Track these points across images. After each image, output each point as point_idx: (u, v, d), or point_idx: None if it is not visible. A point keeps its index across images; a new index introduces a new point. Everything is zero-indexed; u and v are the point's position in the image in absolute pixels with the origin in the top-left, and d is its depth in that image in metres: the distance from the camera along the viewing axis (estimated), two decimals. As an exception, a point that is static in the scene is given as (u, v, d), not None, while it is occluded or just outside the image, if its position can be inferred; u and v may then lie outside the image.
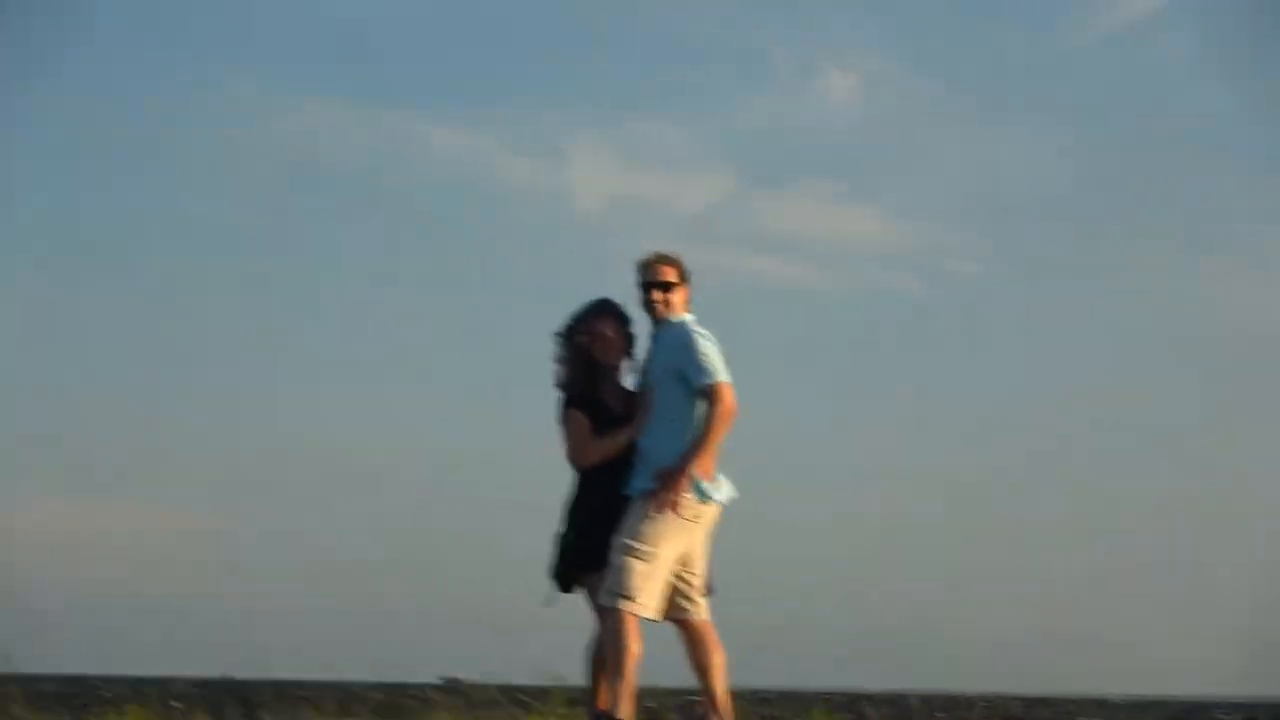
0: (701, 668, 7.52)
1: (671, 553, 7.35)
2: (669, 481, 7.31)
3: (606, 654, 7.30)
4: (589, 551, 7.45)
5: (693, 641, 7.54)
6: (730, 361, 7.46)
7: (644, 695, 7.87)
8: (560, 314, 7.74)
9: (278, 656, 12.70)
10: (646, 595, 7.28)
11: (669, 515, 7.31)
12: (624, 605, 7.25)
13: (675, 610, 7.51)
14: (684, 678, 7.61)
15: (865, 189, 22.27)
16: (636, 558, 7.27)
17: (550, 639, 8.49)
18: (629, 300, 7.68)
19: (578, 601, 7.60)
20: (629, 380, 7.72)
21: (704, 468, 7.37)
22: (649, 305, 7.59)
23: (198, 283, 21.41)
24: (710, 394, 7.36)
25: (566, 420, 7.60)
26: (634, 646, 7.24)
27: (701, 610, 7.55)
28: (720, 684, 7.51)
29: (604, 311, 7.68)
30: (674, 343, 7.50)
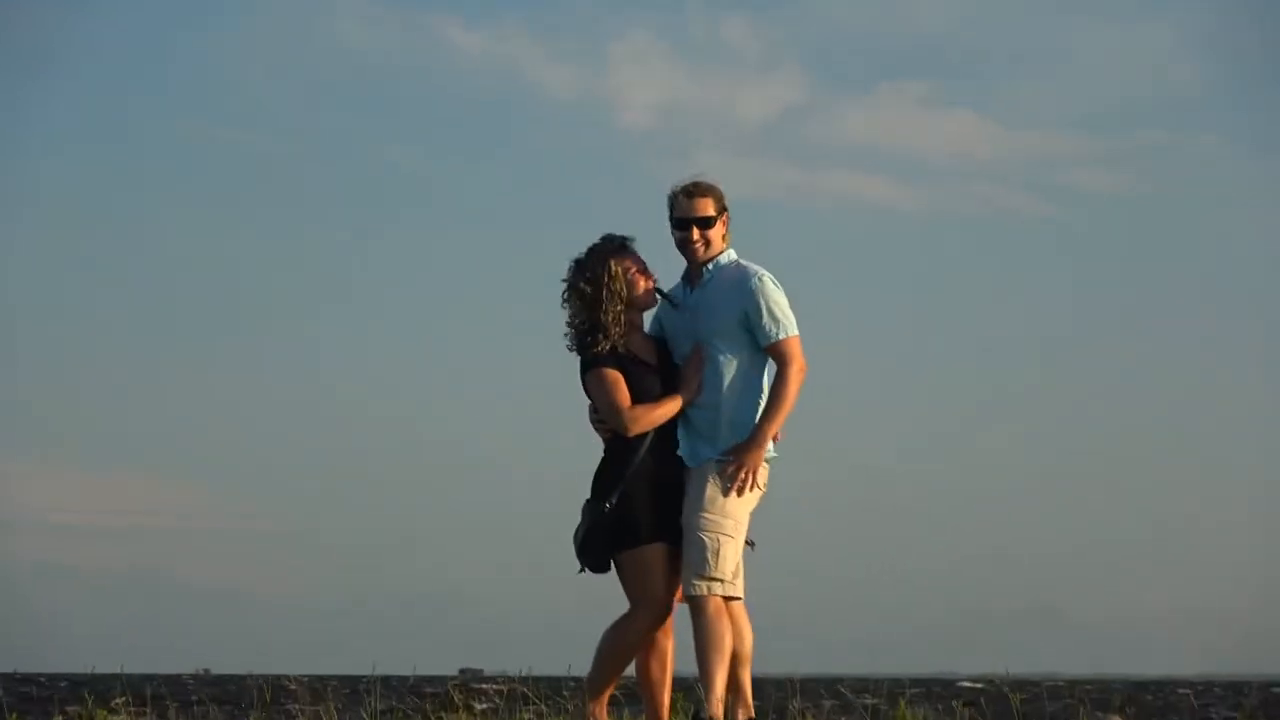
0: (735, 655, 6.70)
1: (747, 525, 6.74)
2: (750, 451, 6.68)
3: (704, 648, 6.54)
4: (628, 526, 6.62)
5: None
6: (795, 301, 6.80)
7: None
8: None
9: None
10: (740, 574, 6.67)
11: (748, 486, 6.69)
12: (719, 590, 6.60)
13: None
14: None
15: (960, 92, 20.16)
16: (725, 534, 6.62)
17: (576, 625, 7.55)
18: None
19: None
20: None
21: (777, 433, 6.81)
22: (687, 246, 6.79)
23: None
24: (782, 352, 6.71)
25: (595, 382, 6.71)
26: (743, 632, 6.72)
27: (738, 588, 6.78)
28: (745, 674, 6.76)
29: (619, 250, 6.75)
30: (737, 290, 6.76)
